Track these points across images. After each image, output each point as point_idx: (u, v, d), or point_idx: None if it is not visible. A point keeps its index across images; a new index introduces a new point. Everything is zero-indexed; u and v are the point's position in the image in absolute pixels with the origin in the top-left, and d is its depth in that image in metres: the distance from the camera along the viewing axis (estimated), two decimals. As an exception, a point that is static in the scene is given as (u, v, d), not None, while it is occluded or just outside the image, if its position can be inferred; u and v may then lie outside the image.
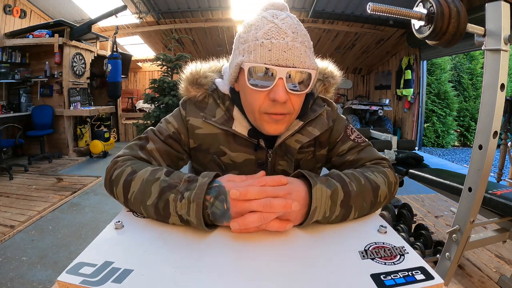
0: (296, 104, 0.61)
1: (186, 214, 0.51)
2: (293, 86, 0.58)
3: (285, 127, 0.64)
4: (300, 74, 0.57)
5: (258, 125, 0.64)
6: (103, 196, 3.19)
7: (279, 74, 0.55)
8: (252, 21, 0.60)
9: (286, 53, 0.55)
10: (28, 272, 1.88)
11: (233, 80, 0.65)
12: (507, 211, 1.34)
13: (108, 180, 0.62)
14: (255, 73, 0.57)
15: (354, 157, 0.73)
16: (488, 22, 1.05)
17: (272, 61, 0.55)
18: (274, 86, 0.56)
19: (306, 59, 0.57)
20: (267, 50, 0.55)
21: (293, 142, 0.70)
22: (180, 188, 0.53)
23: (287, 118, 0.62)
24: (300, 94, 0.60)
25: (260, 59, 0.56)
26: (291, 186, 0.54)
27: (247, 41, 0.58)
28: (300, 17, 5.81)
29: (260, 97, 0.59)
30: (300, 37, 0.57)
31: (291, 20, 0.58)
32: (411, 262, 0.44)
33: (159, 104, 4.81)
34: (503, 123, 2.57)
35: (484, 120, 1.11)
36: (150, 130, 0.72)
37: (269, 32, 0.56)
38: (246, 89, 0.60)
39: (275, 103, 0.58)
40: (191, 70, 0.72)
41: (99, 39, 5.66)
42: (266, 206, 0.49)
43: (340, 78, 0.76)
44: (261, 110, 0.60)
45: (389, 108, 6.74)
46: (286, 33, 0.56)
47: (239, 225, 0.49)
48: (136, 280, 0.40)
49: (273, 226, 0.51)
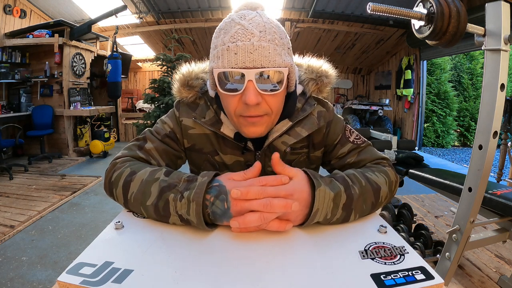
0: (274, 104, 0.59)
1: (186, 213, 0.51)
2: (267, 86, 0.56)
3: (265, 128, 0.63)
4: (273, 74, 0.56)
5: (238, 129, 0.64)
6: (103, 196, 3.19)
7: (248, 76, 0.54)
8: (222, 25, 0.59)
9: (253, 54, 0.53)
10: (28, 272, 1.88)
11: (213, 86, 0.63)
12: (507, 211, 1.34)
13: (108, 182, 0.62)
14: (226, 78, 0.56)
15: (354, 159, 0.72)
16: (488, 22, 1.05)
17: (239, 64, 0.54)
18: (244, 89, 0.55)
19: (276, 57, 0.55)
20: (233, 53, 0.54)
21: (279, 144, 0.69)
22: (180, 188, 0.53)
23: (265, 120, 0.60)
24: (275, 94, 0.58)
25: (227, 64, 0.54)
26: (295, 186, 0.53)
27: (216, 47, 0.57)
28: (300, 17, 5.81)
29: (233, 101, 0.58)
30: (268, 35, 0.55)
31: (259, 19, 0.56)
32: (411, 262, 0.44)
33: (159, 104, 4.82)
34: (503, 123, 2.56)
35: (484, 120, 1.11)
36: (148, 131, 0.73)
37: (235, 34, 0.55)
38: (221, 94, 0.60)
39: (248, 106, 0.56)
40: (183, 71, 0.72)
41: (99, 39, 5.67)
42: (267, 206, 0.49)
43: (335, 78, 0.74)
44: (237, 114, 0.59)
45: (389, 108, 6.74)
46: (252, 34, 0.54)
47: (239, 224, 0.49)
48: (136, 280, 0.40)
49: (273, 226, 0.50)
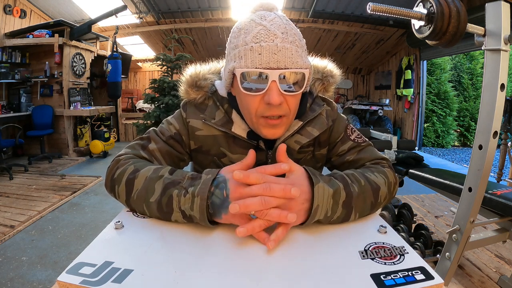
0: (292, 105, 0.60)
1: (190, 208, 0.51)
2: (287, 87, 0.57)
3: (283, 130, 0.64)
4: (293, 75, 0.57)
5: (256, 129, 0.64)
6: (103, 196, 3.19)
7: (272, 76, 0.55)
8: (241, 25, 0.60)
9: (277, 55, 0.54)
10: (28, 272, 1.88)
11: (228, 86, 0.65)
12: (507, 211, 1.34)
13: (110, 179, 0.62)
14: (248, 77, 0.57)
15: (354, 157, 0.73)
16: (488, 22, 1.05)
17: (263, 65, 0.55)
18: (267, 89, 0.56)
19: (298, 59, 0.56)
20: (257, 54, 0.55)
21: (292, 143, 0.70)
22: (184, 184, 0.53)
23: (284, 121, 0.62)
24: (295, 95, 0.59)
25: (251, 64, 0.55)
26: (294, 179, 0.54)
27: (237, 46, 0.58)
28: (300, 17, 5.81)
29: (255, 101, 0.59)
30: (290, 37, 0.56)
31: (280, 21, 0.58)
32: (411, 262, 0.44)
33: (159, 104, 4.81)
34: (503, 123, 2.56)
35: (484, 120, 1.11)
36: (152, 131, 0.73)
37: (258, 35, 0.56)
38: (240, 94, 0.60)
39: (271, 106, 0.57)
40: (190, 72, 0.72)
41: (99, 39, 5.66)
42: (266, 189, 0.49)
43: (339, 77, 0.75)
44: (258, 114, 0.60)
45: (389, 108, 6.74)
46: (275, 35, 0.55)
47: (239, 207, 0.47)
48: (136, 280, 0.40)
49: (273, 214, 0.49)
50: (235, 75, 0.59)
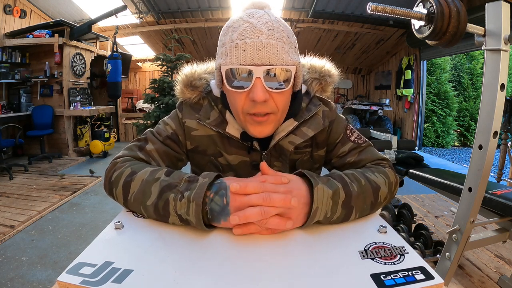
0: (280, 102, 0.59)
1: (186, 213, 0.51)
2: (274, 84, 0.57)
3: (272, 128, 0.63)
4: (280, 71, 0.56)
5: (244, 127, 0.64)
6: (103, 196, 3.19)
7: (256, 73, 0.54)
8: (230, 23, 0.60)
9: (261, 51, 0.54)
10: (28, 272, 1.88)
11: (219, 84, 0.64)
12: (507, 211, 1.34)
13: (108, 182, 0.62)
14: (233, 75, 0.56)
15: (355, 158, 0.72)
16: (488, 22, 1.05)
17: (247, 61, 0.54)
18: (252, 86, 0.56)
19: (283, 55, 0.56)
20: (242, 50, 0.54)
21: (286, 144, 0.69)
22: (181, 188, 0.53)
23: (272, 119, 0.60)
24: (282, 92, 0.58)
25: (235, 61, 0.55)
26: (292, 185, 0.54)
27: (224, 44, 0.58)
28: (300, 17, 5.81)
29: (240, 98, 0.58)
30: (276, 33, 0.56)
31: (267, 17, 0.57)
32: (411, 262, 0.44)
33: (159, 104, 4.81)
34: (503, 123, 2.56)
35: (484, 120, 1.11)
36: (149, 132, 0.72)
37: (244, 32, 0.55)
38: (228, 91, 0.60)
39: (256, 103, 0.57)
40: (186, 72, 0.72)
41: (99, 39, 5.66)
42: (266, 199, 0.49)
43: (337, 77, 0.74)
44: (244, 111, 0.60)
45: (389, 108, 6.73)
46: (261, 31, 0.55)
47: (239, 219, 0.48)
48: (136, 280, 0.40)
49: (273, 222, 0.49)
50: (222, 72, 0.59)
